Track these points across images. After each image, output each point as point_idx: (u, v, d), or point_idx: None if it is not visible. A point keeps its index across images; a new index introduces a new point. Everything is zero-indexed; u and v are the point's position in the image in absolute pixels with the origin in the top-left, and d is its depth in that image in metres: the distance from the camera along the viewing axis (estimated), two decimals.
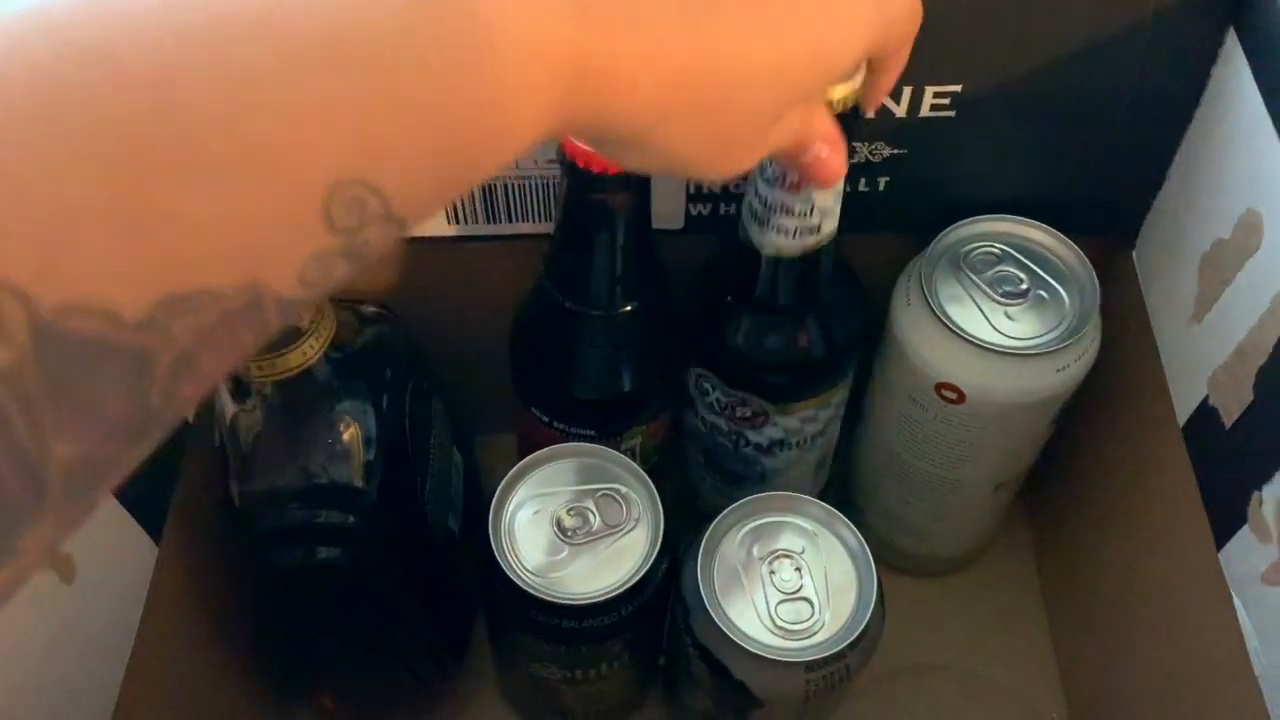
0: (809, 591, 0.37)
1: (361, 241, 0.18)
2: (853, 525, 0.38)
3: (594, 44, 0.20)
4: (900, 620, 0.45)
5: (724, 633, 0.35)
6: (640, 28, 0.21)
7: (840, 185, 0.35)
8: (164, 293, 0.15)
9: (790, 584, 0.37)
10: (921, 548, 0.50)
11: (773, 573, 0.37)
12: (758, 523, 0.38)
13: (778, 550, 0.38)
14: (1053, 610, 0.51)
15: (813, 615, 0.36)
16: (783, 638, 0.36)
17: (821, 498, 0.49)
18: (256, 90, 0.16)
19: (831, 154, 0.28)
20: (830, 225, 0.36)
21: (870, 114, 0.32)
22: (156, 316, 0.16)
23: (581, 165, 0.33)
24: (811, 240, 0.36)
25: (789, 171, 0.34)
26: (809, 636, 0.36)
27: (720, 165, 0.25)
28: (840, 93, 0.31)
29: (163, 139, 0.15)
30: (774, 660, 0.35)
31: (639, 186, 0.35)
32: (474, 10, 0.18)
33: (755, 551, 0.38)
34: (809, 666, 0.35)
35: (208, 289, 0.16)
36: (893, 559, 0.51)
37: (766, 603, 0.37)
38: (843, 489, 0.51)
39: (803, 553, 0.38)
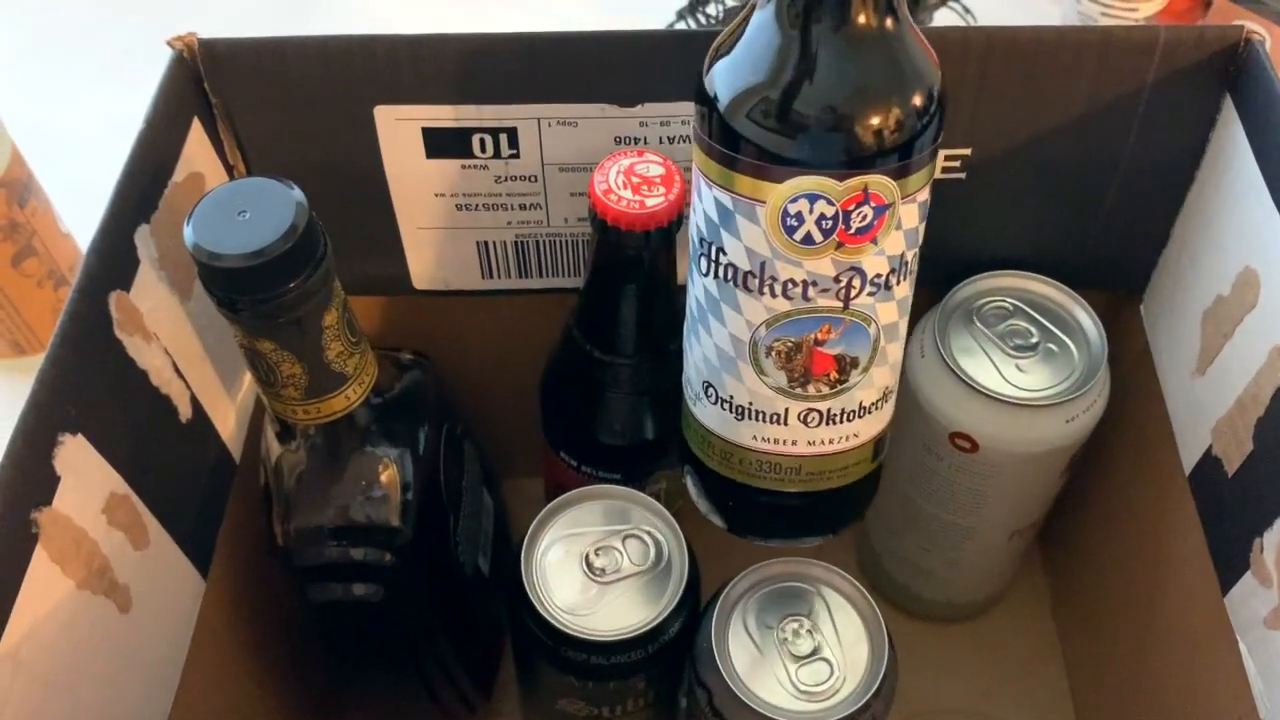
0: (825, 651, 0.38)
1: None
2: (849, 576, 0.38)
3: None
4: (919, 666, 0.46)
5: (754, 709, 0.36)
6: None
7: None
8: None
9: (805, 646, 0.38)
10: (939, 594, 0.51)
11: (785, 640, 0.38)
12: (761, 592, 0.39)
13: (786, 615, 0.38)
14: (1069, 655, 0.52)
15: (832, 673, 0.37)
16: (809, 701, 0.36)
17: (839, 547, 0.51)
18: None
19: None
20: None
21: None
22: None
23: (611, 223, 0.35)
24: None
25: None
26: (834, 695, 0.37)
27: None
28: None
29: None
30: None
31: (665, 243, 0.38)
32: None
33: (766, 621, 0.38)
34: None
35: None
36: (911, 605, 0.52)
37: (787, 671, 0.37)
38: (861, 537, 0.53)
39: (810, 613, 0.38)
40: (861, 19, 0.28)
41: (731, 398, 0.34)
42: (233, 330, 0.32)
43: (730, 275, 0.31)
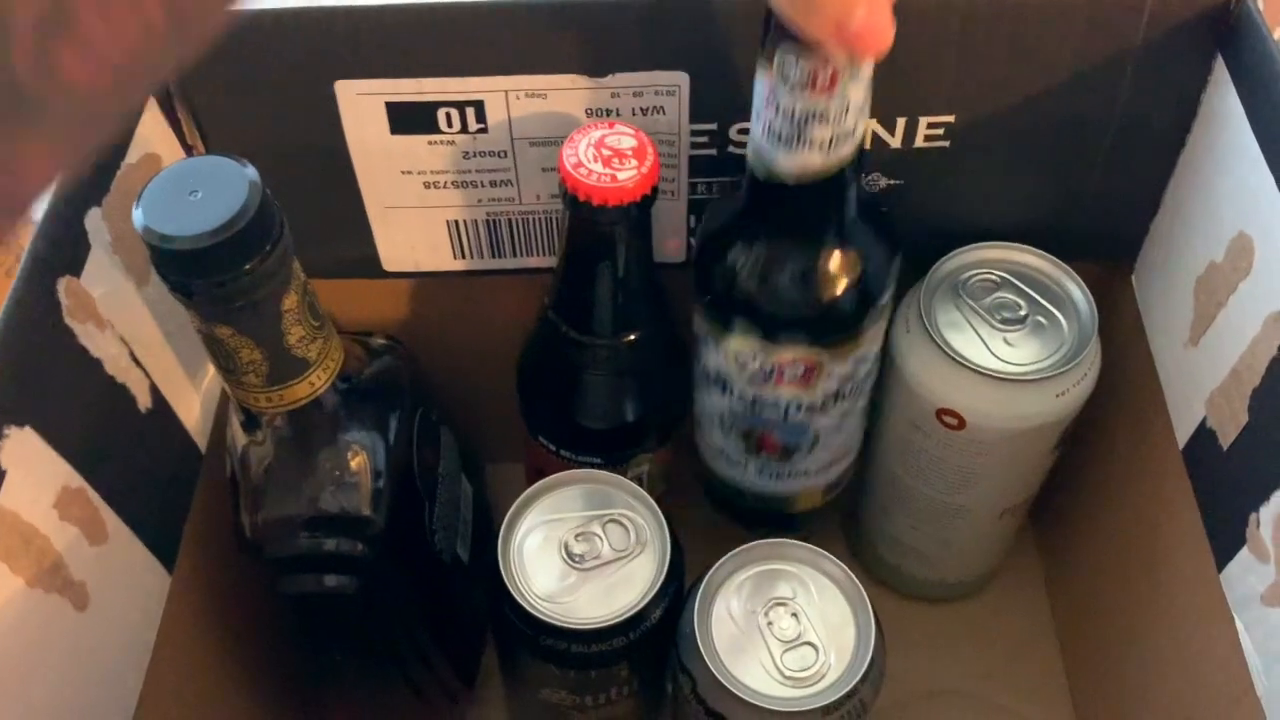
0: (810, 635, 0.37)
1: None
2: (835, 558, 0.38)
3: None
4: (912, 647, 0.45)
5: (738, 696, 0.35)
6: None
7: (870, 73, 0.32)
8: None
9: (790, 631, 0.37)
10: (930, 574, 0.50)
11: (770, 624, 0.37)
12: (744, 576, 0.38)
13: (771, 600, 0.37)
14: (1063, 634, 0.51)
15: (818, 658, 0.36)
16: (795, 687, 0.36)
17: (830, 527, 0.50)
18: None
19: (875, 10, 0.26)
20: (863, 123, 0.34)
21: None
22: None
23: (583, 199, 0.34)
24: (847, 149, 0.33)
25: (819, 68, 0.31)
26: (820, 680, 0.36)
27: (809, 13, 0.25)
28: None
29: None
30: (792, 713, 0.35)
31: (639, 218, 0.36)
32: None
33: (749, 606, 0.37)
34: (826, 710, 0.35)
35: None
36: (902, 586, 0.51)
37: (771, 656, 0.36)
38: (851, 516, 0.52)
39: (795, 597, 0.38)
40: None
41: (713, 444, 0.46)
42: (189, 316, 0.31)
43: (705, 378, 0.42)
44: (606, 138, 0.34)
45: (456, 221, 0.42)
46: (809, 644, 0.37)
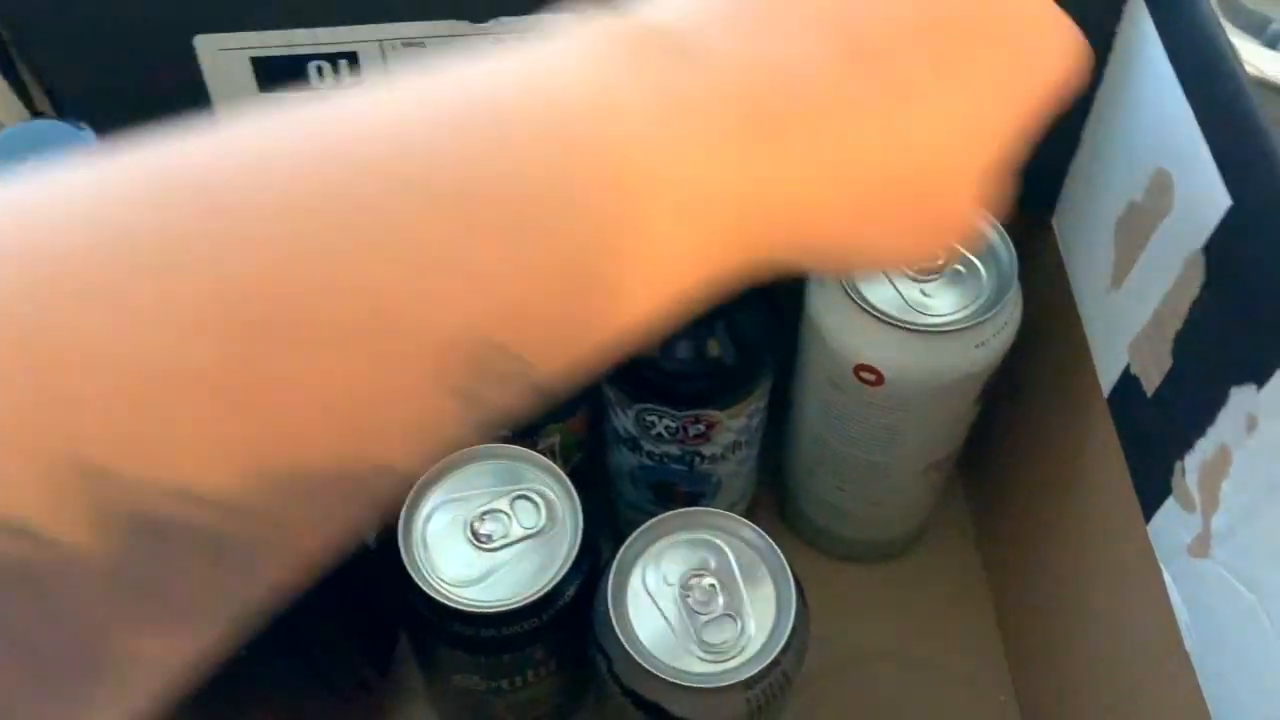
0: (729, 606, 0.35)
1: (484, 405, 0.16)
2: (751, 523, 0.36)
3: (768, 181, 0.18)
4: (843, 610, 0.44)
5: (653, 673, 0.33)
6: (828, 142, 0.18)
7: None
8: (257, 470, 0.14)
9: (708, 603, 0.35)
10: (859, 534, 0.49)
11: (688, 596, 0.35)
12: (661, 549, 0.36)
13: (688, 571, 0.36)
14: (996, 589, 0.50)
15: (739, 630, 0.35)
16: (714, 662, 0.34)
17: (758, 491, 0.49)
18: (386, 245, 0.14)
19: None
20: None
21: None
22: (247, 497, 0.14)
23: None
24: None
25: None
26: (740, 653, 0.34)
27: (935, 246, 0.22)
28: None
29: (284, 298, 0.14)
30: (712, 688, 0.33)
31: None
32: (621, 156, 0.16)
33: (666, 579, 0.36)
34: (748, 684, 0.34)
35: (306, 466, 0.14)
36: (832, 548, 0.50)
37: (690, 630, 0.35)
38: (778, 480, 0.50)
39: (713, 567, 0.36)
40: None
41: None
42: None
43: (614, 439, 0.44)
44: None
45: None
46: (729, 615, 0.35)
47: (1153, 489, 0.34)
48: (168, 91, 0.36)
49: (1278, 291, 0.27)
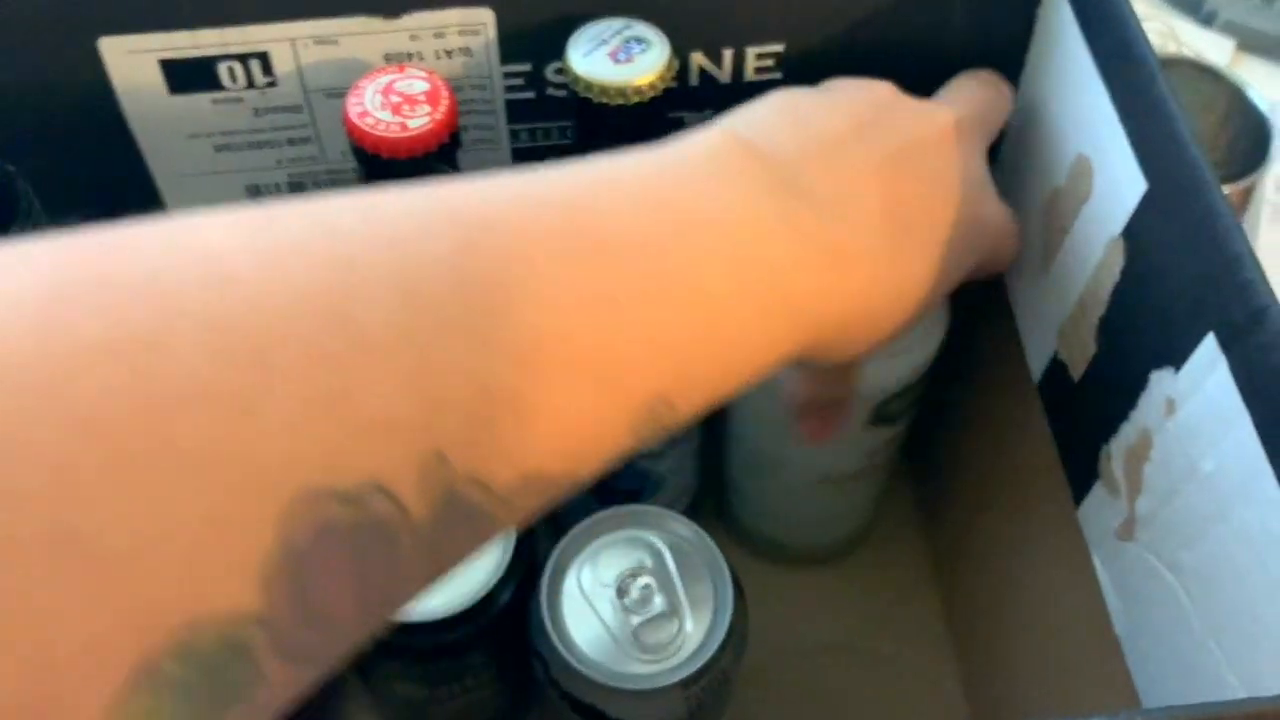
0: (665, 604, 0.35)
1: (645, 444, 0.21)
2: (687, 519, 0.36)
3: (840, 301, 0.25)
4: (790, 605, 0.44)
5: (590, 677, 0.33)
6: (867, 273, 0.26)
7: None
8: (523, 472, 0.19)
9: (644, 602, 0.35)
10: (794, 539, 0.49)
11: (623, 596, 0.35)
12: (595, 549, 0.36)
13: (624, 571, 0.35)
14: (943, 579, 0.50)
15: (676, 628, 0.34)
16: (651, 662, 0.34)
17: (701, 497, 0.48)
18: (617, 314, 0.20)
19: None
20: None
21: None
22: (513, 494, 0.19)
23: (371, 152, 0.31)
24: None
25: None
26: (677, 652, 0.34)
27: (902, 332, 0.29)
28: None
29: (561, 345, 0.19)
30: (649, 689, 0.33)
31: (443, 170, 0.33)
32: (790, 282, 0.24)
33: (602, 580, 0.35)
34: (685, 684, 0.33)
35: (544, 472, 0.19)
36: (773, 553, 0.49)
37: (626, 630, 0.34)
38: (718, 488, 0.50)
39: (649, 566, 0.36)
40: None
41: None
42: None
43: None
44: (396, 83, 0.31)
45: (257, 186, 0.38)
46: (664, 613, 0.35)
47: (1081, 474, 0.34)
48: (78, 97, 0.35)
49: (1191, 273, 0.27)
